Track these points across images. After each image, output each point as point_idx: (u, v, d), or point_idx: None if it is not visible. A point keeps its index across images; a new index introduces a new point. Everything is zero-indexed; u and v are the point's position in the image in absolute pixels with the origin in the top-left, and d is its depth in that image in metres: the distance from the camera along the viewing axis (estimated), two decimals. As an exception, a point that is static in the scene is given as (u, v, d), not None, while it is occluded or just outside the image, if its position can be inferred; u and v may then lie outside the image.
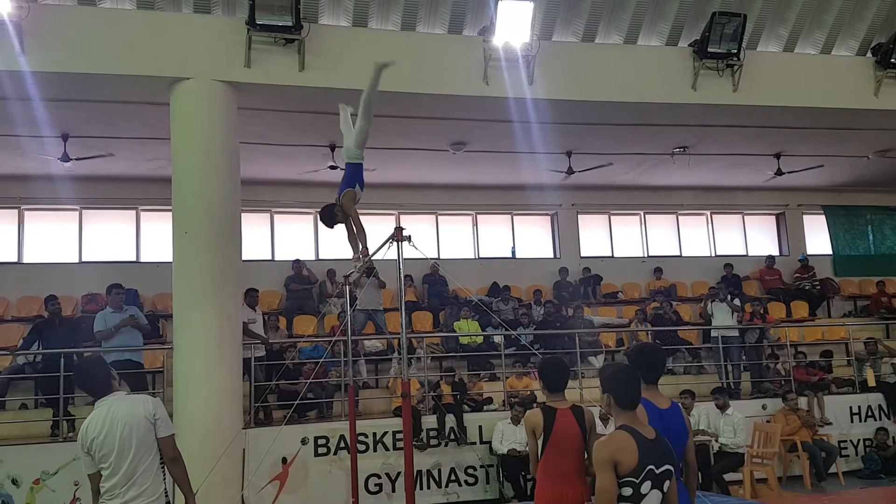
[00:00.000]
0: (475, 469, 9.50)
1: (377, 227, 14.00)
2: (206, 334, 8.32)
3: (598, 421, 4.79)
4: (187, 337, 8.38)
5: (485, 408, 10.23)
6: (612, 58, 10.16)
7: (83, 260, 12.73)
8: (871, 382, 11.41)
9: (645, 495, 3.29)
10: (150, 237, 12.97)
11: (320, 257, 13.78)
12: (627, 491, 3.28)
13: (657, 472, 3.32)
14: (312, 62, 8.83)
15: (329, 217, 6.80)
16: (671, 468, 3.40)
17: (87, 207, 12.90)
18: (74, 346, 9.45)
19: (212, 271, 8.43)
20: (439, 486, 9.37)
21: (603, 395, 3.54)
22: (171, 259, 8.64)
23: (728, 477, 9.24)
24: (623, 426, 3.39)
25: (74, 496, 8.08)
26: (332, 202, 6.84)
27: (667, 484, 3.37)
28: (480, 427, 9.70)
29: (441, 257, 14.10)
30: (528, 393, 10.18)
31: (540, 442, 4.41)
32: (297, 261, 13.03)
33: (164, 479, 4.32)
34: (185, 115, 8.70)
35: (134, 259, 12.98)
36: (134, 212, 13.12)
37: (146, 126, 9.87)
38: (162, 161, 10.41)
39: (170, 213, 8.77)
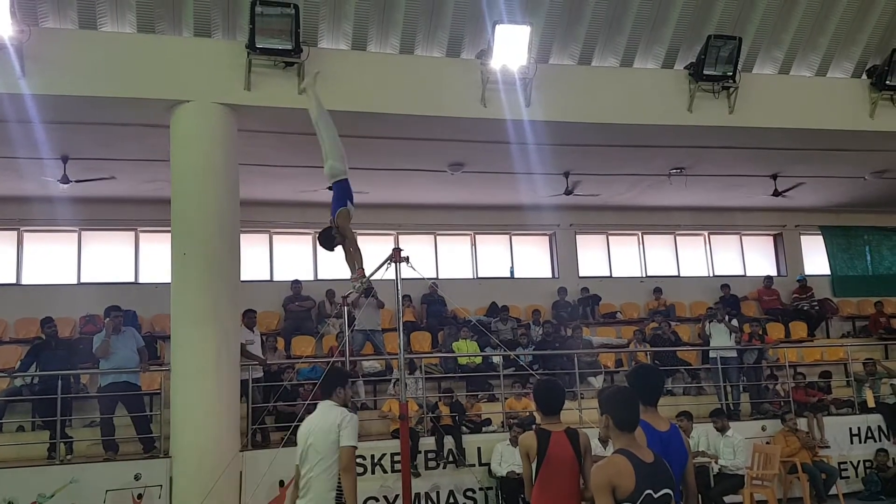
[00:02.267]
0: (474, 492, 9.42)
1: (376, 248, 14.07)
2: (204, 356, 8.30)
3: (596, 443, 4.77)
4: (185, 358, 8.36)
5: (483, 429, 10.18)
6: (609, 80, 10.25)
7: (82, 281, 12.74)
8: (871, 403, 11.37)
9: None
10: (149, 258, 12.98)
11: (319, 277, 13.79)
12: None
13: (655, 496, 3.28)
14: (312, 85, 8.89)
15: (328, 240, 6.83)
16: (670, 492, 3.37)
17: (86, 229, 12.93)
18: (71, 368, 9.43)
19: (210, 292, 8.43)
20: (438, 508, 9.30)
21: (601, 417, 3.52)
22: (169, 280, 8.65)
23: (728, 499, 9.19)
24: (621, 450, 3.37)
25: (71, 519, 8.01)
26: (328, 225, 6.85)
27: None
28: (479, 448, 9.64)
29: (439, 277, 14.11)
30: (528, 414, 10.13)
31: (534, 465, 4.40)
32: (296, 281, 13.04)
33: (337, 489, 4.64)
34: (185, 137, 8.75)
35: (133, 280, 12.98)
36: (133, 233, 13.14)
37: (146, 148, 9.92)
38: (161, 183, 10.45)
39: (169, 235, 8.80)
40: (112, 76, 8.52)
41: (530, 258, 15.28)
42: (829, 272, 16.15)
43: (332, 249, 6.90)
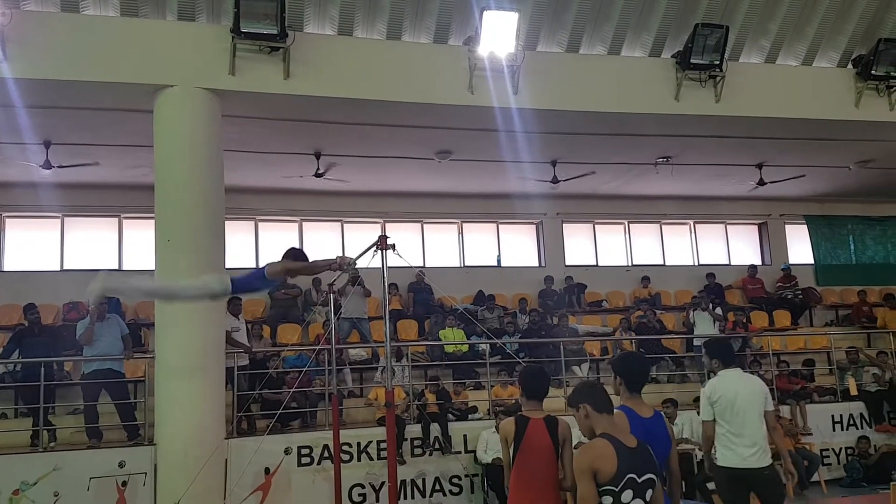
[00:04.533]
0: (460, 478, 9.46)
1: (362, 236, 14.09)
2: (189, 343, 8.26)
3: (578, 433, 4.78)
4: (169, 346, 8.31)
5: (469, 416, 10.21)
6: (596, 68, 10.23)
7: (65, 268, 12.62)
8: (853, 391, 11.49)
9: None
10: (133, 245, 12.87)
11: (305, 266, 13.72)
12: (608, 500, 3.25)
13: (639, 480, 3.29)
14: (297, 70, 8.82)
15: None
16: (654, 477, 3.38)
17: (69, 215, 12.81)
18: (55, 355, 9.36)
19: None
20: (423, 495, 9.32)
21: (578, 410, 3.52)
22: (153, 267, 8.58)
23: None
24: (603, 434, 3.38)
25: (54, 506, 7.98)
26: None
27: (649, 493, 3.35)
28: (465, 436, 9.67)
29: (426, 266, 14.10)
30: (513, 402, 10.15)
31: (511, 451, 4.41)
32: (282, 269, 12.95)
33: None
34: (169, 122, 8.67)
35: (116, 267, 12.86)
36: (116, 219, 13.03)
37: (129, 133, 9.81)
38: (145, 168, 10.35)
39: (153, 221, 8.72)
40: (95, 60, 8.41)
41: (517, 247, 15.29)
42: (813, 261, 16.28)
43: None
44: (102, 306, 8.99)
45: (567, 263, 15.07)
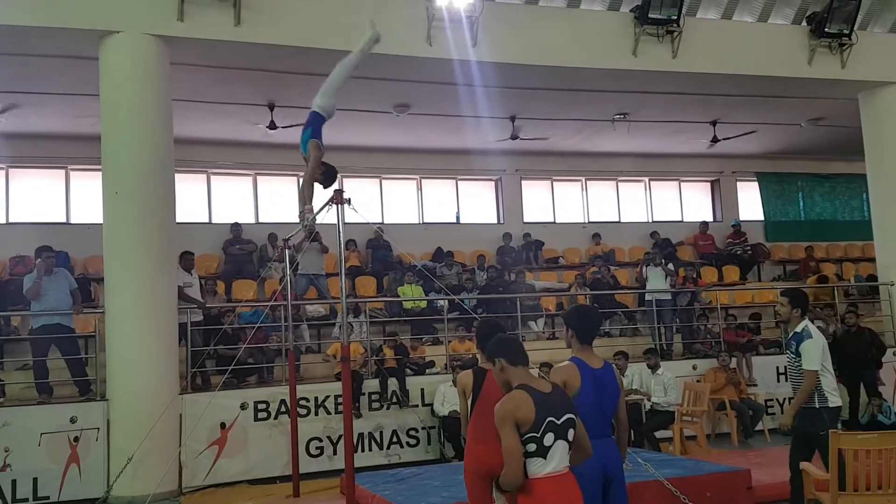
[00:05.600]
0: (417, 431, 9.58)
1: (319, 190, 13.80)
2: (140, 298, 8.13)
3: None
4: (120, 301, 8.18)
5: (427, 371, 10.30)
6: (555, 21, 10.14)
7: (10, 221, 12.23)
8: (798, 344, 11.85)
9: (549, 447, 3.35)
10: (81, 197, 12.50)
11: (260, 220, 13.55)
12: (532, 447, 3.34)
13: (558, 422, 3.38)
14: (249, 17, 8.56)
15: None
16: (573, 416, 3.47)
17: (14, 166, 12.36)
18: (0, 310, 9.12)
19: (144, 233, 8.21)
20: (381, 447, 9.43)
21: (494, 364, 3.61)
22: (102, 220, 8.36)
23: (659, 434, 9.53)
24: (520, 385, 3.46)
25: (4, 462, 7.86)
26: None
27: (571, 433, 3.45)
28: (423, 390, 9.76)
29: (385, 222, 14.02)
30: (470, 356, 10.27)
31: (469, 403, 4.47)
32: (236, 224, 12.78)
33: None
34: (115, 70, 8.37)
35: (64, 220, 12.52)
36: (63, 171, 12.62)
37: (75, 81, 9.45)
38: (92, 118, 9.99)
39: (101, 173, 8.47)
40: (37, 3, 8.05)
41: (476, 203, 15.29)
42: (763, 217, 16.64)
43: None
44: (50, 260, 8.77)
45: (525, 220, 15.14)
